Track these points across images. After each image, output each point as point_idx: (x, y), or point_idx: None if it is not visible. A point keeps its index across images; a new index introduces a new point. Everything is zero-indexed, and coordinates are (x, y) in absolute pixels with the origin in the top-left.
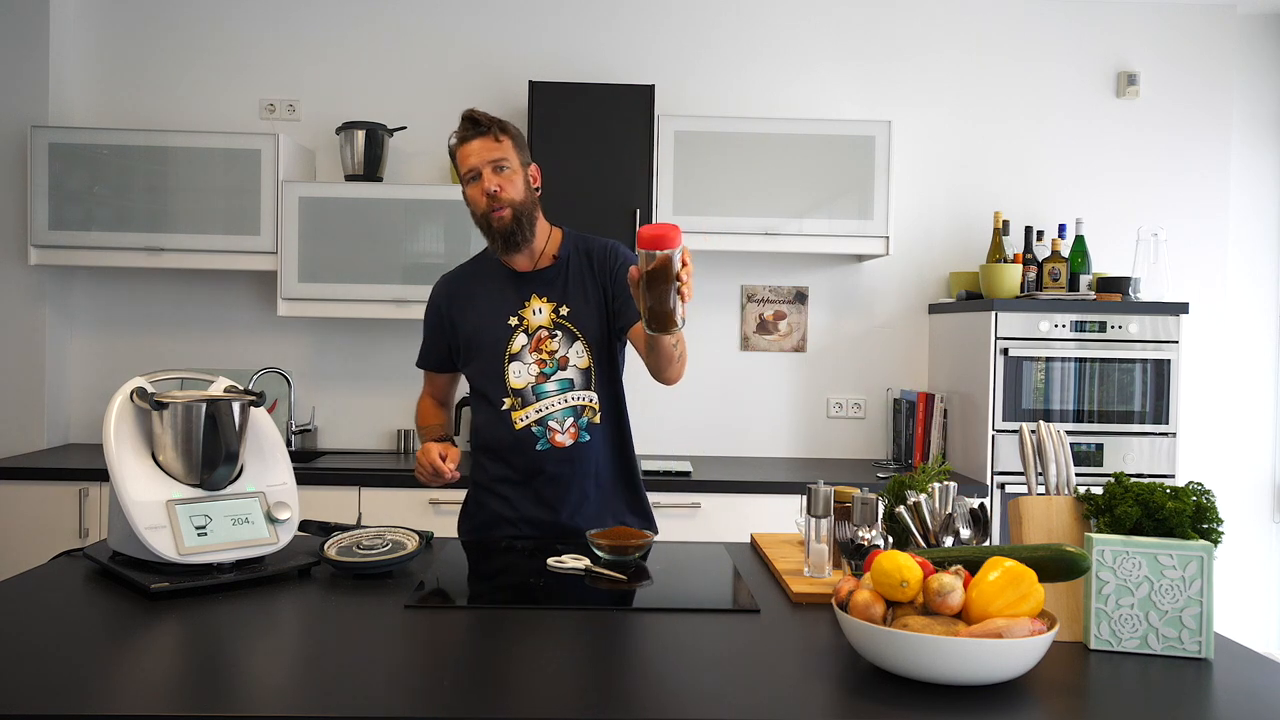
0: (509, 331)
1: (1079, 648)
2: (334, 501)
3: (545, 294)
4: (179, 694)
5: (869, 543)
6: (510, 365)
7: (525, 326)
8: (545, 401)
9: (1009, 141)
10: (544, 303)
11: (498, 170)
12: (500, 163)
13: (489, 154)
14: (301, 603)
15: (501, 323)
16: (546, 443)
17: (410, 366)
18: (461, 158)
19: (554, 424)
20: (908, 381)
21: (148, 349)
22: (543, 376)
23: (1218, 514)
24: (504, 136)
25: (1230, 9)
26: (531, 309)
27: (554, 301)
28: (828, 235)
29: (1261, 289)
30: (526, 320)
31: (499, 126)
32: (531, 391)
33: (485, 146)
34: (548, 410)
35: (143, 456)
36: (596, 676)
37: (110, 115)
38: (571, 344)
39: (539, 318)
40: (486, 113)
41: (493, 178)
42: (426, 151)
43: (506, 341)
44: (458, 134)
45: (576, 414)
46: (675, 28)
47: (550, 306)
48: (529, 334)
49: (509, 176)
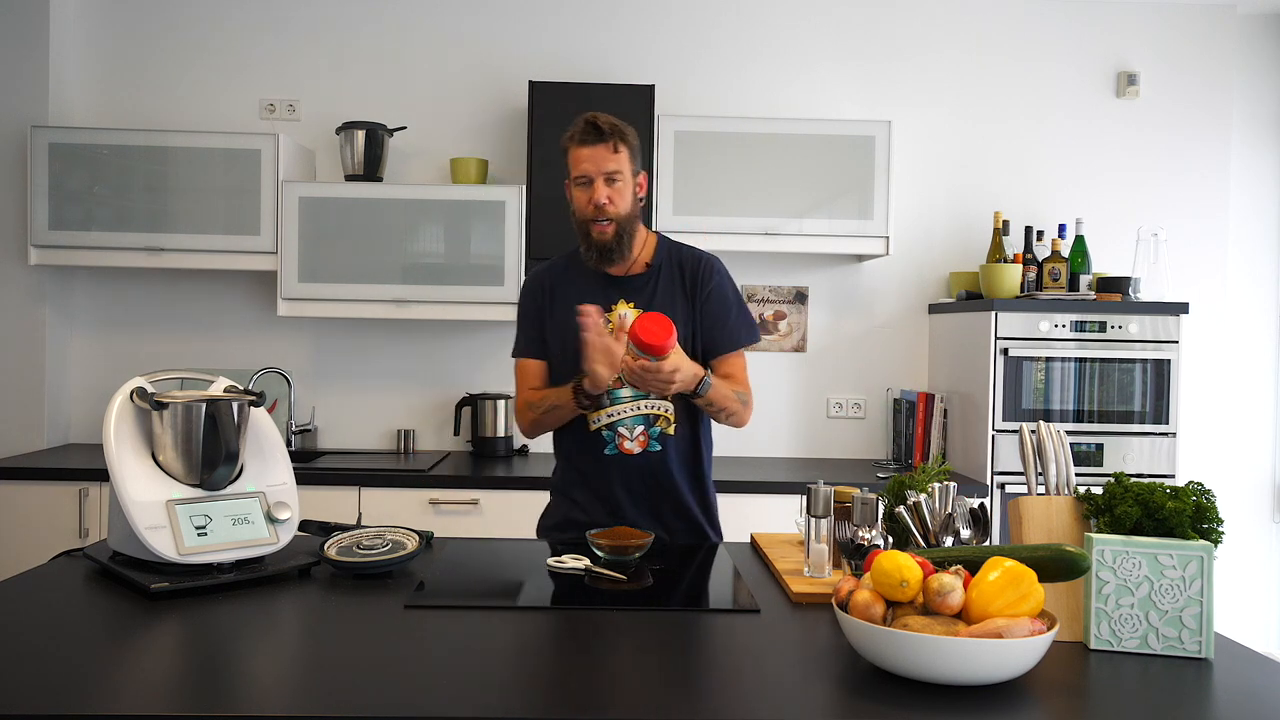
0: None
1: (1079, 648)
2: (334, 501)
3: (633, 300)
4: (179, 694)
5: (869, 543)
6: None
7: (610, 330)
8: (618, 406)
9: (1009, 141)
10: (631, 309)
11: (609, 182)
12: (614, 174)
13: (604, 164)
14: (301, 603)
15: None
16: (614, 448)
17: (410, 366)
18: (574, 159)
19: (623, 430)
20: (908, 381)
21: (148, 349)
22: (619, 382)
23: (1218, 514)
24: (623, 146)
25: (1230, 9)
26: (619, 313)
27: (641, 308)
28: (828, 235)
29: (1261, 289)
30: (612, 323)
31: (619, 136)
32: (607, 395)
33: (602, 155)
34: (619, 415)
35: (143, 456)
36: (596, 676)
37: (110, 115)
38: None
39: (625, 322)
40: (610, 118)
41: (603, 189)
42: (426, 151)
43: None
44: (576, 135)
45: (648, 422)
46: (675, 28)
47: (637, 313)
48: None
49: (619, 189)
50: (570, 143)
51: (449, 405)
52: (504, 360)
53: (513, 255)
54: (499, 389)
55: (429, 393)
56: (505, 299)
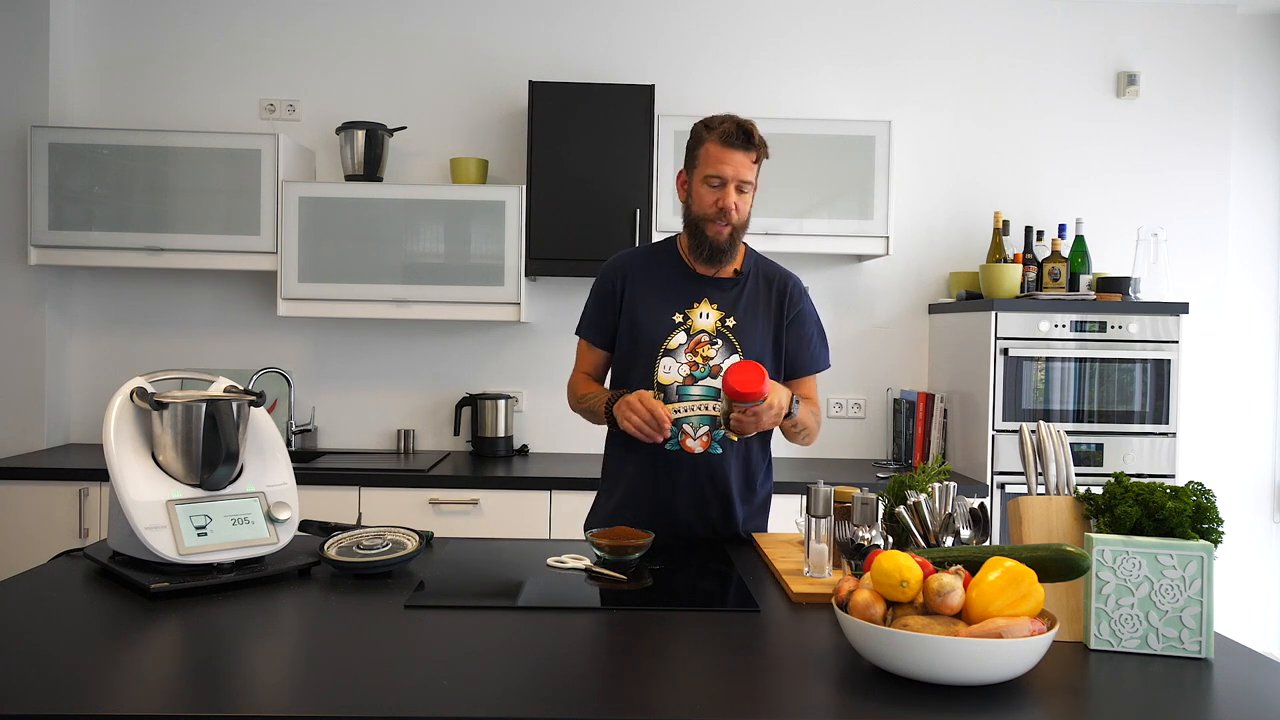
0: (671, 326)
1: (1079, 648)
2: (334, 501)
3: (717, 301)
4: (179, 694)
5: (869, 543)
6: (662, 360)
7: (688, 326)
8: (686, 404)
9: (1009, 141)
10: (713, 309)
11: (741, 190)
12: (746, 184)
13: (744, 172)
14: (301, 603)
15: (666, 317)
16: (676, 444)
17: (410, 366)
18: (713, 156)
19: (688, 428)
20: (908, 381)
21: (148, 349)
22: (691, 379)
23: (1218, 514)
24: (762, 159)
25: (1230, 9)
26: (699, 311)
27: (723, 311)
28: (828, 235)
29: (1261, 289)
30: (691, 321)
31: (763, 149)
32: (675, 391)
33: (743, 162)
34: (685, 413)
35: (143, 456)
36: (597, 676)
37: (110, 115)
38: (729, 355)
39: (704, 321)
40: (757, 128)
41: (734, 195)
42: (426, 151)
43: (666, 335)
44: (720, 134)
45: (714, 424)
46: (675, 28)
47: (719, 314)
48: (689, 334)
49: (746, 198)
50: (712, 139)
51: (449, 405)
52: (504, 360)
53: (513, 255)
54: (499, 389)
55: (429, 393)
56: (505, 299)
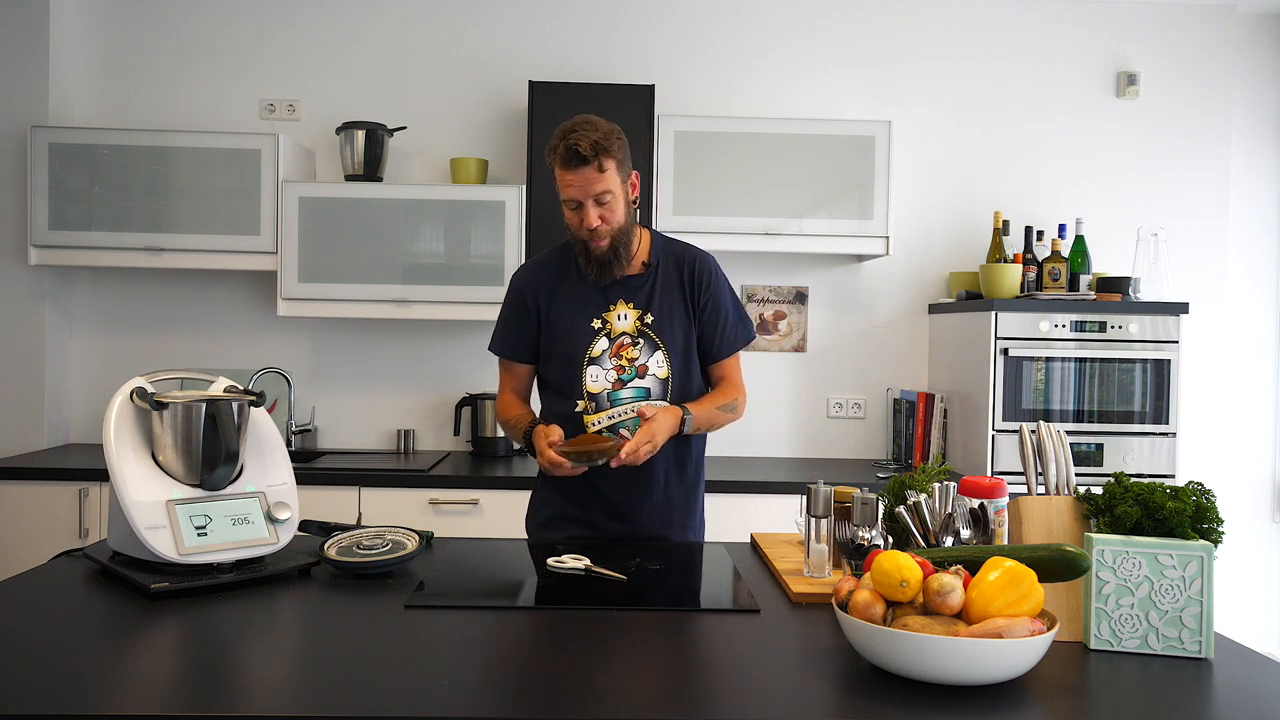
0: (592, 334)
1: (1079, 648)
2: (334, 501)
3: (632, 300)
4: (179, 694)
5: (869, 543)
6: (588, 368)
7: (608, 330)
8: (619, 408)
9: (1009, 142)
10: (629, 308)
11: (600, 203)
12: (603, 195)
13: (592, 187)
14: (301, 603)
15: (585, 324)
16: (606, 462)
17: (410, 366)
18: (561, 183)
19: (625, 431)
20: (908, 381)
21: (148, 349)
22: (620, 383)
23: (1218, 514)
24: (609, 162)
25: (1230, 9)
26: (616, 314)
27: (640, 308)
28: (828, 235)
29: (1261, 289)
30: (610, 324)
31: (603, 153)
32: (606, 397)
33: (588, 178)
34: (620, 417)
35: (143, 456)
36: (596, 676)
37: (110, 115)
38: (653, 353)
39: (623, 323)
40: (591, 138)
41: (594, 211)
42: (426, 151)
43: (588, 344)
44: (560, 158)
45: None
46: (675, 28)
47: (636, 314)
48: (611, 339)
49: (611, 206)
50: (555, 163)
51: (449, 405)
52: None
53: (513, 255)
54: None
55: (429, 393)
56: None
